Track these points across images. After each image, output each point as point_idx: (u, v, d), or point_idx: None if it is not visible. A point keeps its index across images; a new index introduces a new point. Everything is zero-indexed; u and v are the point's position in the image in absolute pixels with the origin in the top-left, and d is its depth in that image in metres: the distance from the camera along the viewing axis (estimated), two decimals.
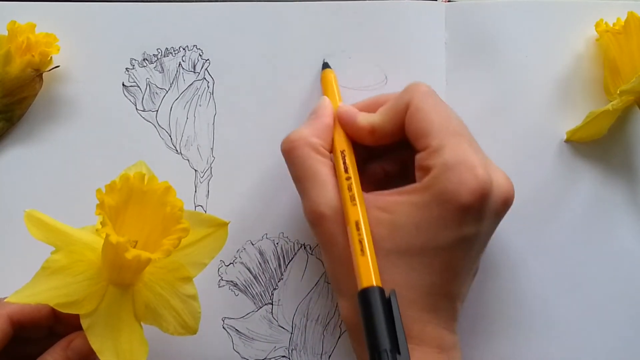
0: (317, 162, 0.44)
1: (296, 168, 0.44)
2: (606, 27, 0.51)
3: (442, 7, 0.53)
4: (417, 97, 0.44)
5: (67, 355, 0.42)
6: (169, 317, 0.41)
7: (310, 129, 0.45)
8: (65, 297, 0.39)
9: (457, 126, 0.43)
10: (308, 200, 0.44)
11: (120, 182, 0.39)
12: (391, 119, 0.45)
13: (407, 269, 0.41)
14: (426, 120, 0.43)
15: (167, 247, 0.38)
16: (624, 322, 0.50)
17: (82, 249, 0.41)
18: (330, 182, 0.44)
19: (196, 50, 0.53)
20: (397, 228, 0.41)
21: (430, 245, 0.41)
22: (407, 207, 0.41)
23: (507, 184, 0.43)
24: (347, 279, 0.42)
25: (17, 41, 0.50)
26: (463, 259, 0.42)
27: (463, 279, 0.43)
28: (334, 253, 0.43)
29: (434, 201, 0.41)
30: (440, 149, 0.41)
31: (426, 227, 0.41)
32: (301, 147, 0.44)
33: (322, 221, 0.43)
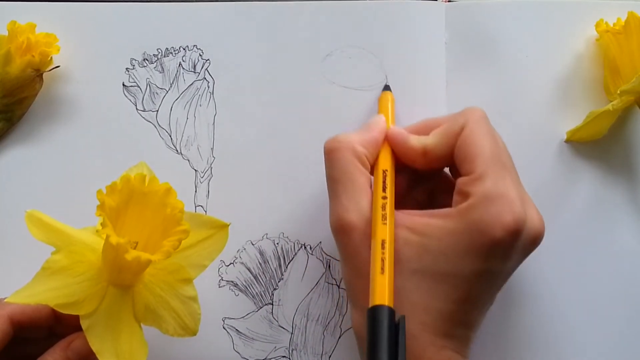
0: (357, 170, 0.44)
1: (334, 170, 0.44)
2: (606, 27, 0.51)
3: (442, 7, 0.53)
4: (472, 120, 0.43)
5: (67, 356, 0.42)
6: (169, 318, 0.41)
7: (359, 137, 0.45)
8: (65, 298, 0.39)
9: (504, 157, 0.43)
10: (339, 204, 0.43)
11: (121, 183, 0.39)
12: (444, 142, 0.44)
13: (428, 292, 0.41)
14: (476, 145, 0.42)
15: (167, 248, 0.38)
16: (624, 322, 0.50)
17: (82, 250, 0.41)
18: (365, 192, 0.43)
19: (196, 50, 0.53)
20: (425, 251, 0.41)
21: (455, 273, 0.41)
22: (438, 231, 0.41)
23: (540, 222, 0.42)
24: (364, 292, 0.41)
25: (17, 41, 0.50)
26: (484, 291, 0.42)
27: (480, 309, 0.43)
28: (354, 264, 0.42)
29: (466, 230, 0.40)
30: (483, 177, 0.41)
31: (454, 255, 0.41)
32: (345, 149, 0.44)
33: (350, 230, 0.42)
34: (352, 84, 0.52)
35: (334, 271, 0.50)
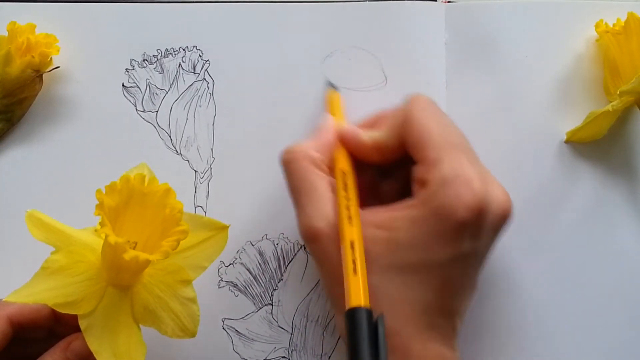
0: (316, 177, 0.43)
1: (294, 180, 0.44)
2: (606, 28, 0.51)
3: (442, 8, 0.53)
4: (415, 108, 0.43)
5: (66, 357, 0.42)
6: (168, 319, 0.41)
7: (312, 143, 0.45)
8: (64, 297, 0.39)
9: (456, 138, 0.43)
10: (304, 214, 0.43)
11: (121, 183, 0.39)
12: (393, 134, 0.44)
13: (404, 285, 0.41)
14: (423, 132, 0.42)
15: (165, 248, 0.38)
16: (624, 322, 0.50)
17: (82, 250, 0.41)
18: (328, 197, 0.43)
19: (196, 51, 0.53)
20: (394, 245, 0.41)
21: (427, 261, 0.40)
22: (404, 222, 0.41)
23: (505, 198, 0.42)
24: (342, 296, 0.41)
25: (17, 42, 0.50)
26: (461, 275, 0.42)
27: (461, 295, 0.42)
28: (328, 270, 0.42)
29: (431, 217, 0.40)
30: (438, 162, 0.41)
31: (423, 244, 0.40)
32: (301, 159, 0.44)
33: (318, 237, 0.42)
34: (352, 84, 0.52)
35: None
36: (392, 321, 0.40)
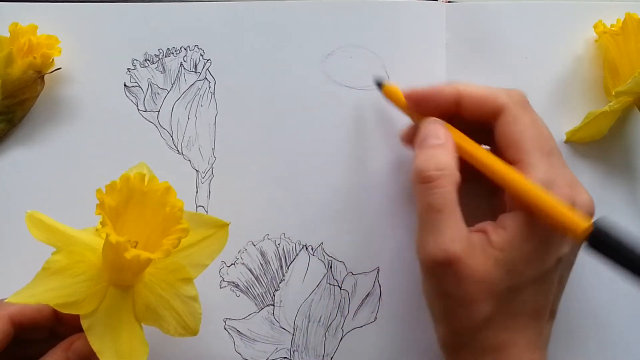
0: (456, 199, 0.42)
1: (436, 199, 0.42)
2: (604, 28, 0.51)
3: (442, 8, 0.53)
4: (514, 106, 0.44)
5: (67, 357, 0.42)
6: (170, 318, 0.41)
7: (451, 157, 0.43)
8: (65, 298, 0.39)
9: (549, 141, 0.44)
10: (441, 236, 0.41)
11: (121, 183, 0.39)
12: (478, 103, 0.44)
13: (519, 300, 0.42)
14: (522, 133, 0.43)
15: (166, 247, 0.38)
16: (624, 322, 0.50)
17: (82, 250, 0.41)
18: (463, 222, 0.42)
19: (197, 50, 0.53)
20: (510, 265, 0.41)
21: (538, 273, 0.42)
22: (516, 240, 0.41)
23: (589, 200, 0.43)
24: (468, 326, 0.42)
25: (19, 43, 0.50)
26: (563, 276, 0.44)
27: (558, 297, 0.45)
28: (458, 295, 0.41)
29: (539, 230, 0.41)
30: (533, 168, 0.42)
31: (534, 258, 0.41)
32: (449, 178, 0.42)
33: (454, 262, 0.41)
34: (353, 83, 0.52)
35: (335, 272, 0.50)
36: (509, 334, 0.42)
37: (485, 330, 0.42)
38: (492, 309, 0.41)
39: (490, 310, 0.41)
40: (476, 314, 0.41)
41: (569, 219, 0.40)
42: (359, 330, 0.50)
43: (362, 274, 0.51)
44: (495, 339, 0.42)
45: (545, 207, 0.40)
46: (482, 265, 0.41)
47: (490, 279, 0.41)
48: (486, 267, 0.41)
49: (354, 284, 0.50)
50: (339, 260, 0.50)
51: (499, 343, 0.42)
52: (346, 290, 0.50)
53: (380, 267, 0.50)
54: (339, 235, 0.51)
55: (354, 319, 0.50)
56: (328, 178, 0.51)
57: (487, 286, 0.41)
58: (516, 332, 0.42)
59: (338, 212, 0.51)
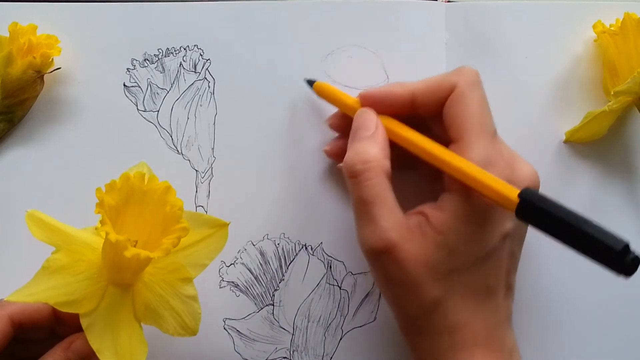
0: (388, 188, 0.43)
1: (366, 192, 0.42)
2: (603, 28, 0.51)
3: (442, 7, 0.53)
4: (465, 82, 0.44)
5: (67, 357, 0.42)
6: (169, 317, 0.41)
7: (379, 148, 0.44)
8: (65, 296, 0.39)
9: (490, 121, 0.44)
10: (376, 226, 0.42)
11: (121, 182, 0.39)
12: (433, 92, 0.44)
13: (466, 280, 0.42)
14: (467, 111, 0.43)
15: (166, 246, 0.38)
16: (624, 322, 0.50)
17: (82, 249, 0.41)
18: (398, 210, 0.43)
19: (197, 50, 0.53)
20: (450, 246, 0.41)
21: (482, 252, 0.42)
22: (454, 222, 0.41)
23: (529, 173, 0.44)
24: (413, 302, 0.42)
25: (18, 43, 0.50)
26: (512, 253, 0.44)
27: (513, 272, 0.44)
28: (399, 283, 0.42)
29: (476, 209, 0.41)
30: (472, 148, 0.42)
31: (474, 238, 0.41)
32: (376, 169, 0.42)
33: (392, 250, 0.41)
34: (353, 83, 0.52)
35: (335, 272, 0.50)
36: (461, 315, 0.41)
37: (435, 312, 0.42)
38: (439, 292, 0.41)
39: (438, 293, 0.41)
40: (424, 297, 0.41)
41: (501, 193, 0.39)
42: (359, 330, 0.50)
43: (361, 273, 0.51)
44: (447, 321, 0.42)
45: (480, 183, 0.40)
46: (422, 248, 0.41)
47: (432, 261, 0.41)
48: (426, 250, 0.41)
49: (353, 283, 0.50)
50: (339, 260, 0.50)
51: (452, 324, 0.42)
52: (346, 289, 0.50)
53: None
54: (339, 235, 0.51)
55: (353, 318, 0.50)
56: (328, 178, 0.51)
57: (430, 269, 0.41)
58: (468, 312, 0.42)
59: (338, 212, 0.51)
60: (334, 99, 0.49)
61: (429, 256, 0.41)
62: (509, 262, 0.43)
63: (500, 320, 0.43)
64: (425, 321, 0.42)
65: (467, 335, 0.42)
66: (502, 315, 0.43)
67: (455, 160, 0.41)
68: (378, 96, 0.46)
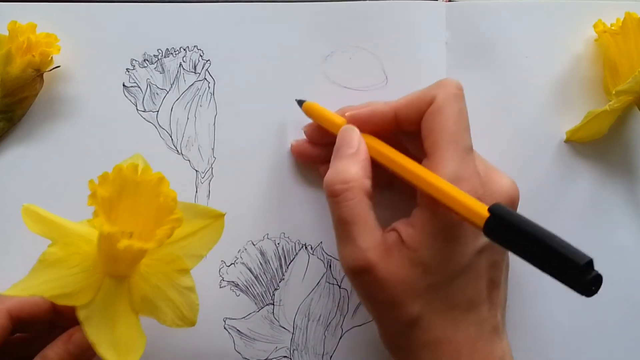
0: (368, 208, 0.43)
1: (346, 212, 0.42)
2: (604, 28, 0.51)
3: (442, 7, 0.53)
4: (444, 95, 0.43)
5: (67, 349, 0.42)
6: (166, 308, 0.41)
7: (359, 167, 0.43)
8: (60, 289, 0.39)
9: (467, 139, 0.43)
10: (354, 246, 0.42)
11: (113, 174, 0.39)
12: (414, 107, 0.44)
13: (444, 296, 0.42)
14: (442, 125, 0.42)
15: (159, 236, 0.38)
16: (624, 322, 0.50)
17: (77, 242, 0.41)
18: (378, 230, 0.43)
19: (197, 50, 0.53)
20: (425, 264, 0.41)
21: (458, 268, 0.41)
22: (427, 239, 0.41)
23: (506, 187, 0.44)
24: (396, 320, 0.42)
25: (17, 41, 0.50)
26: (490, 265, 0.43)
27: (498, 282, 0.44)
28: (382, 301, 0.42)
29: (445, 225, 0.41)
30: (444, 163, 0.41)
31: (446, 254, 0.41)
32: (355, 189, 0.42)
33: (371, 269, 0.41)
34: (353, 84, 0.52)
35: (335, 271, 0.50)
36: (440, 330, 0.41)
37: (416, 329, 0.42)
38: (418, 308, 0.41)
39: (417, 310, 0.41)
40: (404, 315, 0.41)
41: (471, 208, 0.39)
42: (359, 329, 0.50)
43: None
44: (427, 337, 0.42)
45: (449, 198, 0.40)
46: (399, 267, 0.41)
47: (409, 279, 0.41)
48: (403, 268, 0.41)
49: None
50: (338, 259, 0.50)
51: (432, 340, 0.42)
52: (345, 289, 0.50)
53: None
54: None
55: (353, 317, 0.50)
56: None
57: (408, 287, 0.41)
58: (449, 327, 0.42)
59: None
60: (322, 118, 0.49)
61: (405, 274, 0.41)
62: (490, 273, 0.43)
63: (484, 333, 0.42)
64: (407, 338, 0.42)
65: (447, 350, 0.41)
66: (487, 327, 0.43)
67: (425, 174, 0.41)
68: (363, 115, 0.46)
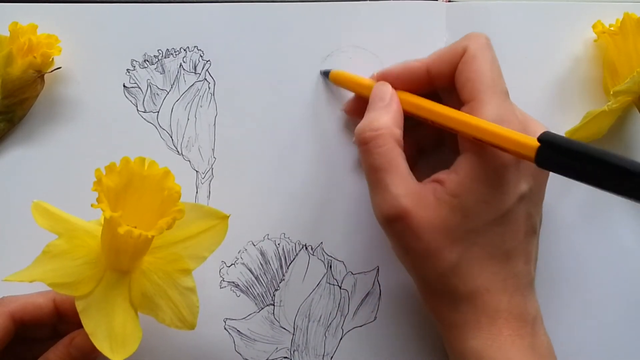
0: (399, 155, 0.43)
1: (377, 158, 0.43)
2: (603, 28, 0.51)
3: (442, 7, 0.53)
4: (475, 45, 0.44)
5: (69, 352, 0.42)
6: (165, 307, 0.41)
7: (390, 117, 0.44)
8: (61, 278, 0.39)
9: (502, 82, 0.44)
10: (388, 193, 0.42)
11: (121, 165, 0.39)
12: (446, 60, 0.45)
13: (483, 242, 0.42)
14: (479, 72, 0.43)
15: (161, 225, 0.38)
16: (624, 322, 0.50)
17: (83, 235, 0.41)
18: (411, 177, 0.43)
19: (197, 51, 0.53)
20: (466, 209, 0.41)
21: (498, 214, 0.41)
22: (471, 183, 0.41)
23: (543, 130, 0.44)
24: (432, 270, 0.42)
25: (18, 42, 0.50)
26: (528, 217, 0.43)
27: (532, 237, 0.44)
28: (416, 249, 0.42)
29: (489, 169, 0.41)
30: (485, 105, 0.42)
31: (489, 198, 0.41)
32: (385, 136, 0.43)
33: (405, 216, 0.41)
34: None
35: (335, 272, 0.50)
36: (479, 280, 0.42)
37: (453, 277, 0.42)
38: (456, 255, 0.41)
39: (455, 257, 0.41)
40: (441, 262, 0.42)
41: (520, 142, 0.39)
42: (359, 330, 0.50)
43: (361, 273, 0.51)
44: (466, 286, 0.42)
45: (496, 136, 0.40)
46: (436, 213, 0.41)
47: (448, 226, 0.41)
48: (441, 215, 0.41)
49: (353, 283, 0.50)
50: (339, 259, 0.50)
51: (472, 289, 0.42)
52: (346, 289, 0.50)
53: (379, 267, 0.51)
54: (339, 235, 0.51)
55: (353, 318, 0.50)
56: (328, 178, 0.51)
57: (446, 234, 0.41)
58: (487, 276, 0.42)
59: (338, 212, 0.51)
60: (352, 83, 0.50)
61: (444, 221, 0.41)
62: (526, 225, 0.43)
63: (520, 286, 0.43)
64: (443, 286, 0.42)
65: (487, 301, 0.42)
66: (523, 281, 0.43)
67: (469, 118, 0.41)
68: (395, 72, 0.47)
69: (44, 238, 0.41)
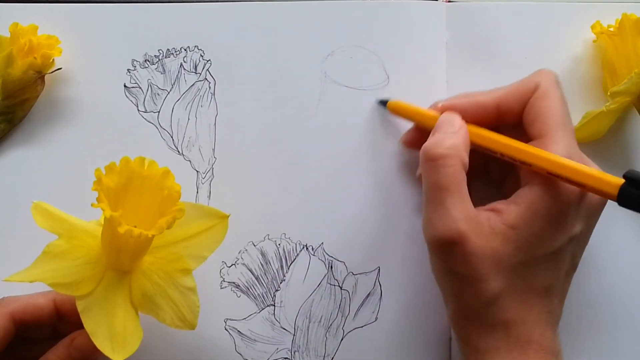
0: (464, 180, 0.42)
1: (442, 177, 0.42)
2: (601, 29, 0.51)
3: (442, 7, 0.53)
4: (547, 82, 0.44)
5: (69, 353, 0.42)
6: (166, 307, 0.41)
7: (461, 141, 0.44)
8: (62, 278, 0.40)
9: (569, 120, 0.44)
10: (445, 214, 0.41)
11: (120, 165, 0.39)
12: (516, 96, 0.45)
13: (528, 276, 0.42)
14: (550, 108, 0.43)
15: (160, 224, 0.38)
16: (623, 321, 0.50)
17: (83, 236, 0.42)
18: (470, 202, 0.42)
19: (197, 51, 0.53)
20: (520, 241, 0.41)
21: (549, 250, 0.42)
22: (530, 217, 0.41)
23: None
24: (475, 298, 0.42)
25: (19, 43, 0.50)
26: (572, 257, 0.43)
27: (570, 277, 0.44)
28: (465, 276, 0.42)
29: (552, 204, 0.41)
30: (556, 142, 0.42)
31: (545, 235, 0.41)
32: (455, 157, 0.42)
33: (460, 241, 0.41)
34: (353, 83, 0.52)
35: (336, 272, 0.50)
36: (517, 310, 0.41)
37: (493, 306, 0.42)
38: (500, 285, 0.41)
39: (499, 287, 0.41)
40: (484, 291, 0.41)
41: (602, 178, 0.40)
42: (360, 330, 0.50)
43: (362, 273, 0.50)
44: (503, 316, 0.42)
45: (573, 173, 0.40)
46: (489, 242, 0.41)
47: (498, 255, 0.41)
48: (494, 244, 0.41)
49: (354, 284, 0.50)
50: (340, 260, 0.50)
51: (508, 319, 0.41)
52: (347, 290, 0.50)
53: (380, 267, 0.50)
54: (339, 235, 0.51)
55: (354, 319, 0.50)
56: (328, 178, 0.51)
57: (495, 263, 0.41)
58: (525, 308, 0.42)
59: (338, 212, 0.51)
60: (415, 113, 0.49)
61: (495, 250, 0.41)
62: (569, 264, 0.44)
63: (551, 322, 0.43)
64: (481, 314, 0.42)
65: (521, 332, 0.42)
66: (554, 318, 0.43)
67: (542, 152, 0.42)
68: (461, 106, 0.47)
69: (44, 238, 0.41)
